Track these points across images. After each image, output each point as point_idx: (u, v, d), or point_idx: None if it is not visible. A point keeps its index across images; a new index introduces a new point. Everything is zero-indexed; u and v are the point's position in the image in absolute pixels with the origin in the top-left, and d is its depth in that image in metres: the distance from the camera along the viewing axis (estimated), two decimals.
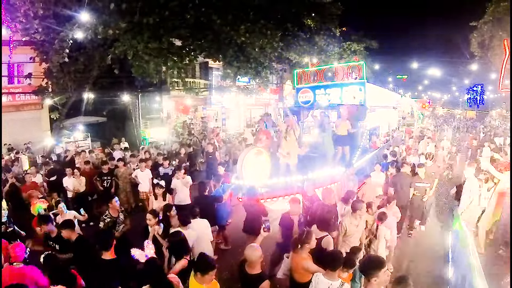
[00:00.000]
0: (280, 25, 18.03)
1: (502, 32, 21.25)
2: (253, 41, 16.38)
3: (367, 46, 31.86)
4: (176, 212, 6.65)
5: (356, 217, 6.14)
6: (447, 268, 7.03)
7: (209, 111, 28.32)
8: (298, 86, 12.66)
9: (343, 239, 6.20)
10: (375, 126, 14.17)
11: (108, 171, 10.80)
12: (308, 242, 4.86)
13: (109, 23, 13.54)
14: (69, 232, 5.73)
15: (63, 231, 5.71)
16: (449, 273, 6.71)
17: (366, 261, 4.22)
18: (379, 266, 3.86)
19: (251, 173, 8.05)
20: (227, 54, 16.96)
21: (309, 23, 22.43)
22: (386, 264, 4.09)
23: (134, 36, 14.05)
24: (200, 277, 4.04)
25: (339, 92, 11.72)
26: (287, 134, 9.03)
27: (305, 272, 4.73)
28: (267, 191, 8.12)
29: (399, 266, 7.44)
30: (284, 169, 9.21)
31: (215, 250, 7.49)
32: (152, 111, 23.96)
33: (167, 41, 14.87)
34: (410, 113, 27.28)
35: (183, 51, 16.13)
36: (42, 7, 12.74)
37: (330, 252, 4.72)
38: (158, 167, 11.19)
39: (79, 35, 13.71)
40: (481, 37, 25.06)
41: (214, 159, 13.53)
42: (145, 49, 14.22)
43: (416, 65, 39.91)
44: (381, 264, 3.91)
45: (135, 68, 15.23)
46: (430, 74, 43.31)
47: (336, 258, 4.42)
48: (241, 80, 23.54)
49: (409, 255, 8.08)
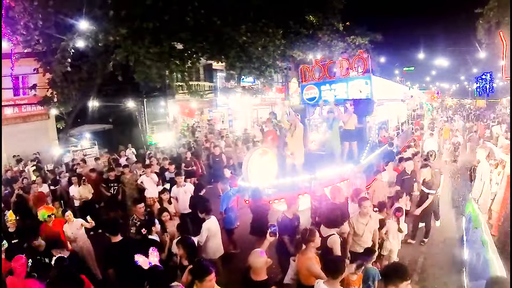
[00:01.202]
0: (281, 23, 17.86)
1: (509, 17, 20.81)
2: (255, 40, 16.27)
3: (371, 39, 31.48)
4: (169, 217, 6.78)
5: (364, 215, 5.94)
6: (462, 248, 7.09)
7: (215, 113, 28.19)
8: (303, 83, 12.47)
9: (354, 238, 5.99)
10: (383, 120, 13.88)
11: (114, 178, 10.72)
12: (312, 240, 4.69)
13: (109, 30, 13.53)
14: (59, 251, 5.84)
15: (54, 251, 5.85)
16: (464, 253, 6.75)
17: (392, 268, 4.01)
18: (402, 277, 3.62)
19: (257, 174, 7.87)
20: (229, 55, 16.85)
21: (311, 19, 22.23)
22: (410, 277, 3.85)
23: (134, 41, 14.00)
24: (199, 285, 3.83)
25: (345, 87, 11.49)
26: (290, 133, 8.84)
27: (309, 274, 4.53)
28: (274, 192, 7.94)
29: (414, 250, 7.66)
30: (291, 169, 9.03)
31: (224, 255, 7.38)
32: (158, 116, 23.94)
33: (168, 45, 14.80)
34: (419, 105, 26.90)
35: (184, 54, 16.07)
36: (41, 18, 12.75)
37: (332, 260, 4.41)
38: (164, 172, 11.06)
39: (80, 44, 13.74)
40: (487, 24, 24.52)
41: (221, 162, 13.35)
42: (146, 54, 14.17)
43: (423, 56, 39.46)
44: (405, 276, 3.66)
45: (137, 73, 15.19)
46: (438, 64, 42.81)
47: (337, 266, 4.12)
48: (245, 80, 23.40)
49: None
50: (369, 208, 6.01)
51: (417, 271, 6.92)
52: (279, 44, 17.38)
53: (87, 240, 7.67)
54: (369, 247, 5.78)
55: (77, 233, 7.47)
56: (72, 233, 7.40)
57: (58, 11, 13.07)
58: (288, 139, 8.96)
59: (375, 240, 6.18)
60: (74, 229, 7.47)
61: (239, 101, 27.60)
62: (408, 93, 20.92)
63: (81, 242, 7.48)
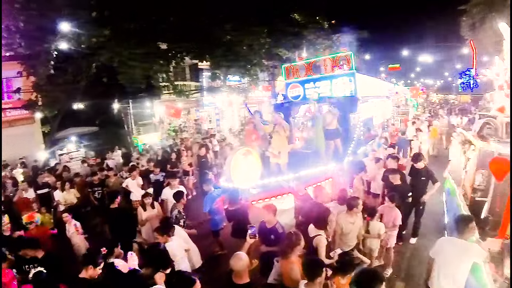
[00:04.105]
0: (267, 21, 17.85)
1: (493, 13, 21.09)
2: (241, 39, 16.23)
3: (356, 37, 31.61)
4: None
5: (352, 214, 5.98)
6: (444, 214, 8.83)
7: (202, 113, 28.09)
8: (287, 81, 12.49)
9: (340, 237, 6.02)
10: (368, 117, 13.96)
11: (98, 181, 10.57)
12: (298, 245, 4.64)
13: (92, 31, 13.39)
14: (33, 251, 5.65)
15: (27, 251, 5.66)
16: (445, 217, 8.45)
17: (362, 274, 3.75)
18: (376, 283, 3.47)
19: (240, 174, 7.85)
20: (215, 54, 16.79)
21: (296, 17, 22.27)
22: (384, 279, 3.68)
23: (118, 42, 13.88)
24: None
25: (329, 84, 11.55)
26: (274, 133, 8.85)
27: (293, 278, 4.47)
28: (258, 193, 7.93)
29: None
30: (275, 168, 9.04)
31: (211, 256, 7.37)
32: (144, 117, 23.78)
33: (152, 45, 14.69)
34: (405, 102, 27.10)
35: (169, 54, 15.98)
36: (23, 20, 12.57)
37: (309, 263, 4.24)
38: (149, 174, 11.00)
39: (63, 46, 13.57)
40: (471, 20, 24.88)
41: (207, 162, 13.26)
42: (130, 55, 14.04)
43: (408, 52, 39.71)
44: (378, 280, 3.51)
45: (121, 75, 15.06)
46: (422, 60, 43.07)
47: (314, 270, 4.03)
48: (232, 79, 23.35)
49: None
50: (360, 207, 6.04)
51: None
52: (264, 42, 17.37)
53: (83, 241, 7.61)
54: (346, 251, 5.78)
55: (74, 236, 7.48)
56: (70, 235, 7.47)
57: (40, 13, 12.88)
58: (273, 138, 8.96)
59: (359, 237, 6.25)
60: (71, 231, 7.48)
61: (226, 100, 27.55)
62: (393, 90, 21.07)
63: (77, 244, 7.45)
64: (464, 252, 4.55)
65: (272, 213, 5.77)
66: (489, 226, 6.27)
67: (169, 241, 5.64)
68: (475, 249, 4.61)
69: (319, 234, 5.31)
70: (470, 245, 4.67)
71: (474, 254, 4.55)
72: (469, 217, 5.07)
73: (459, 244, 4.62)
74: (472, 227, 4.81)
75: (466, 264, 4.54)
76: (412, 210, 8.20)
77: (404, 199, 7.70)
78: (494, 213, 6.47)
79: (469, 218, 4.95)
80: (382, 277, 3.65)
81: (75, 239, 7.48)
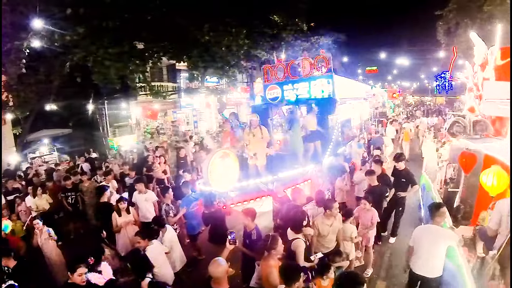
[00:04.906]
0: (245, 22, 17.69)
1: (467, 19, 21.60)
2: (218, 40, 16.05)
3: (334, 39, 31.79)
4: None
5: (329, 216, 5.89)
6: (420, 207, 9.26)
7: (180, 115, 27.71)
8: (266, 83, 12.42)
9: (318, 239, 5.93)
10: (346, 119, 14.03)
11: (71, 186, 10.12)
12: (274, 248, 4.56)
13: (66, 29, 12.95)
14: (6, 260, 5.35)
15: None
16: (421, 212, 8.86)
17: (343, 277, 3.75)
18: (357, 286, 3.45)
19: (218, 177, 7.68)
20: (192, 54, 16.56)
21: (275, 19, 22.18)
22: (365, 281, 3.67)
23: (93, 41, 13.48)
24: None
25: (307, 86, 11.54)
26: (251, 134, 8.73)
27: (271, 282, 4.39)
28: (237, 195, 7.79)
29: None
30: (253, 170, 8.91)
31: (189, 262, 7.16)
32: (119, 118, 23.29)
33: (128, 44, 14.32)
34: (382, 104, 27.44)
35: (145, 54, 15.65)
36: None
37: (285, 266, 4.21)
38: (124, 178, 10.68)
39: (36, 44, 13.11)
40: (447, 25, 25.39)
41: (186, 165, 13.04)
42: (104, 54, 13.66)
43: (385, 55, 40.26)
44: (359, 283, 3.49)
45: (95, 74, 14.65)
46: (399, 63, 43.69)
47: (291, 273, 3.97)
48: (209, 80, 23.12)
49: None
50: (336, 209, 5.95)
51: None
52: (243, 43, 17.22)
53: (55, 248, 7.29)
54: (333, 250, 5.76)
55: (46, 243, 7.13)
56: (42, 243, 7.09)
57: (12, 9, 12.38)
58: (249, 140, 8.84)
59: (339, 239, 6.15)
60: (43, 239, 7.13)
61: (204, 102, 27.26)
62: (370, 92, 21.30)
63: (49, 252, 7.14)
64: (438, 236, 5.02)
65: (251, 218, 5.69)
66: (460, 214, 7.10)
67: (150, 246, 5.56)
68: (447, 233, 5.16)
69: (297, 238, 5.22)
70: (443, 230, 5.21)
71: (447, 237, 5.04)
72: (439, 204, 5.57)
73: (433, 230, 5.12)
74: (443, 212, 5.25)
75: (442, 247, 4.99)
76: (392, 212, 8.22)
77: (381, 199, 7.74)
78: (465, 203, 7.34)
79: (439, 204, 5.45)
80: (363, 280, 3.65)
81: (47, 246, 7.16)
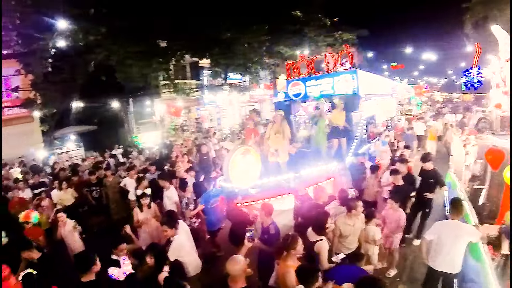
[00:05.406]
0: (266, 19, 17.59)
1: (496, 11, 20.85)
2: (239, 37, 16.02)
3: (358, 35, 31.30)
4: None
5: (351, 216, 5.71)
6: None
7: (203, 112, 27.85)
8: (289, 79, 12.30)
9: (339, 240, 5.76)
10: (371, 115, 13.73)
11: (96, 181, 10.31)
12: (294, 248, 4.41)
13: (89, 28, 13.19)
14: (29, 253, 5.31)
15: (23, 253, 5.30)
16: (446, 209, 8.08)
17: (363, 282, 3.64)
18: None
19: (239, 174, 7.62)
20: (213, 51, 16.58)
21: (297, 14, 21.99)
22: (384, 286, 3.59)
23: (115, 40, 13.68)
24: None
25: (331, 82, 11.34)
26: (273, 131, 8.63)
27: (287, 282, 4.24)
28: (257, 192, 7.71)
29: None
30: (275, 167, 8.81)
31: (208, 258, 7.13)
32: (144, 115, 23.57)
33: (150, 43, 14.48)
34: (408, 100, 26.86)
35: (168, 52, 15.77)
36: (19, 17, 12.39)
37: (302, 267, 4.09)
38: (145, 173, 10.74)
39: (60, 44, 13.39)
40: (474, 18, 24.66)
41: (208, 161, 13.04)
42: (126, 53, 13.84)
43: (411, 50, 39.45)
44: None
45: (118, 73, 14.88)
46: (426, 59, 42.78)
47: (308, 275, 3.85)
48: (232, 77, 23.13)
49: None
50: (360, 209, 5.77)
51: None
52: (265, 40, 17.15)
53: (78, 240, 7.33)
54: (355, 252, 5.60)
55: (70, 235, 7.20)
56: (65, 235, 7.15)
57: (36, 10, 12.69)
58: (271, 136, 8.74)
59: (361, 240, 5.99)
60: (67, 230, 7.20)
61: (227, 99, 27.31)
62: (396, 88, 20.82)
63: (72, 243, 7.20)
64: (458, 231, 4.96)
65: (267, 213, 5.59)
66: (486, 212, 7.04)
67: (177, 234, 5.59)
68: (468, 228, 5.09)
69: (321, 239, 5.09)
70: (463, 225, 5.15)
71: (467, 233, 4.95)
72: (457, 199, 5.59)
73: (452, 224, 5.09)
74: (461, 205, 5.26)
75: (462, 242, 4.93)
76: (418, 214, 7.94)
77: (407, 200, 7.48)
78: (491, 201, 7.30)
79: (457, 199, 5.52)
80: (383, 285, 3.59)
81: (71, 237, 7.24)
